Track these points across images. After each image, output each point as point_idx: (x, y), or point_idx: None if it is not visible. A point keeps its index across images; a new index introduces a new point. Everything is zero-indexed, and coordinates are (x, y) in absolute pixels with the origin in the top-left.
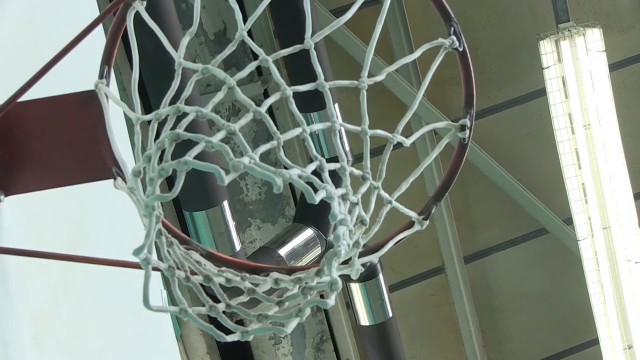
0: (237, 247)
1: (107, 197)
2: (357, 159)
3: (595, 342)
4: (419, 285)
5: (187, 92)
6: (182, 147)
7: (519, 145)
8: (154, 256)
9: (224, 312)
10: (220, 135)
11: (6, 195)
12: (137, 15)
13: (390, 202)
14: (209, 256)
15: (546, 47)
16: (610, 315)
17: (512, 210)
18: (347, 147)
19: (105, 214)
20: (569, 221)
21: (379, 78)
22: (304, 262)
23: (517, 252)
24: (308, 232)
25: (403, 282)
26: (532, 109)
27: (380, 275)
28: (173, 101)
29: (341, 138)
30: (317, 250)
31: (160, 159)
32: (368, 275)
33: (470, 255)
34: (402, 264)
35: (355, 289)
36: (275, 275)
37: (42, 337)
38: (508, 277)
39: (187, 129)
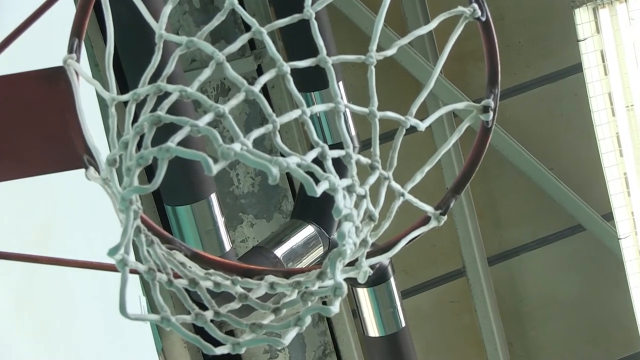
0: (227, 246)
1: (77, 190)
2: (365, 146)
3: None
4: (436, 291)
5: (169, 69)
6: (164, 131)
7: (551, 130)
8: (132, 257)
9: (212, 320)
10: (208, 118)
11: None
12: None
13: (402, 194)
14: (194, 257)
15: (582, 16)
16: None
17: (543, 204)
18: (353, 132)
19: (76, 209)
20: (608, 217)
21: (390, 52)
22: (303, 263)
23: (549, 252)
24: (308, 230)
25: (418, 287)
26: (566, 88)
27: (392, 279)
28: (153, 79)
29: (346, 121)
30: (319, 250)
31: (139, 146)
32: (377, 279)
33: (495, 256)
34: (417, 266)
35: (363, 294)
36: (270, 278)
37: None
38: (538, 281)
39: (169, 111)
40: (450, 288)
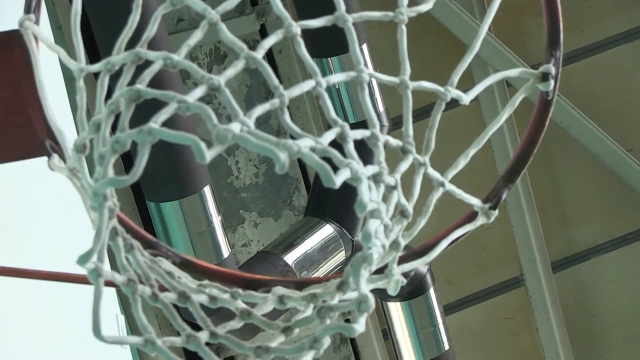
0: (225, 252)
1: (38, 184)
2: (396, 124)
3: None
4: (487, 305)
5: (150, 32)
6: (145, 110)
7: (629, 102)
8: (107, 266)
9: (207, 343)
10: (199, 92)
11: None
12: None
13: (442, 184)
14: (184, 265)
15: None
16: None
17: (620, 194)
18: (380, 108)
19: (37, 208)
20: None
21: (425, 7)
22: (320, 272)
23: (629, 255)
24: (326, 230)
25: (464, 300)
26: None
27: (431, 291)
28: (131, 44)
29: (372, 94)
30: (340, 256)
31: (114, 128)
32: (413, 291)
33: (560, 261)
34: (463, 273)
35: (396, 310)
36: (279, 291)
37: None
38: (615, 291)
39: (151, 84)
40: (504, 301)
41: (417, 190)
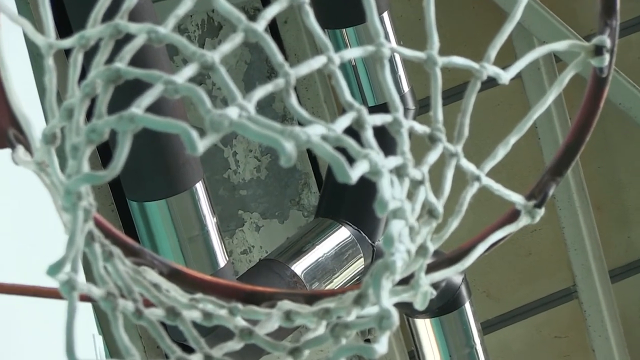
0: (222, 260)
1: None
2: (423, 107)
3: None
4: (533, 321)
5: (131, 0)
6: (126, 92)
7: None
8: (82, 277)
9: None
10: (190, 71)
11: None
12: None
13: (478, 178)
14: (174, 276)
15: None
16: None
17: None
18: (405, 88)
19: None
20: None
21: None
22: (335, 283)
23: None
24: (341, 234)
25: (507, 316)
26: None
27: (467, 305)
28: (108, 16)
29: (394, 72)
30: (358, 264)
31: (90, 114)
32: (446, 305)
33: (620, 269)
34: (504, 284)
35: (425, 328)
36: (286, 305)
37: None
38: None
39: (132, 62)
40: (554, 316)
41: (448, 185)
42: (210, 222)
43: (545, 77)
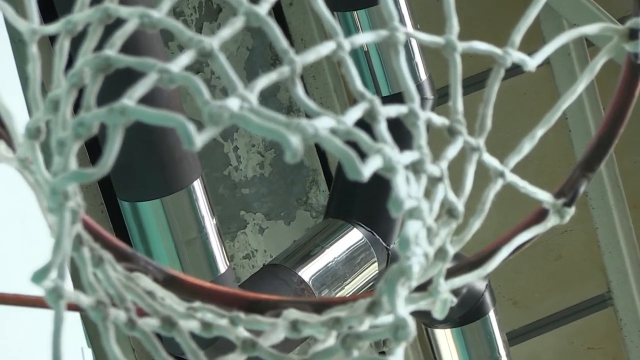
0: (222, 265)
1: None
2: (441, 97)
3: None
4: (564, 331)
5: None
6: (117, 82)
7: None
8: (70, 284)
9: None
10: (186, 58)
11: None
12: None
13: (502, 174)
14: (170, 283)
15: None
16: None
17: None
18: (422, 75)
19: None
20: None
21: None
22: (346, 290)
23: None
24: (353, 236)
25: (535, 326)
26: None
27: (491, 314)
28: None
29: (410, 58)
30: (371, 269)
31: (77, 106)
32: (468, 314)
33: None
34: (532, 291)
35: (445, 339)
36: (293, 314)
37: None
38: None
39: (124, 49)
40: (587, 326)
41: (469, 182)
42: (210, 223)
43: (576, 63)
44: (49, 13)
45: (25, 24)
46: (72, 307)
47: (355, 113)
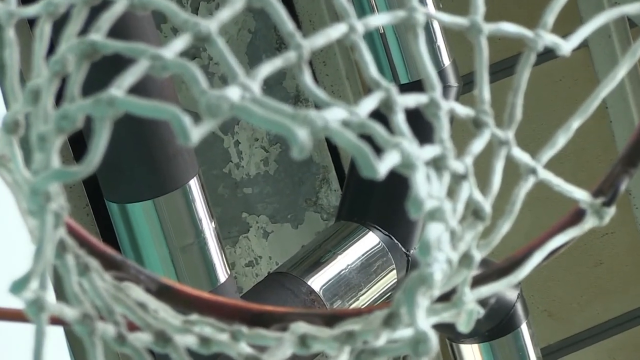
0: (222, 274)
1: None
2: (466, 85)
3: None
4: (606, 346)
5: None
6: (104, 70)
7: None
8: (52, 295)
9: None
10: (181, 43)
11: None
12: None
13: (534, 171)
14: (164, 293)
15: None
16: None
17: None
18: (444, 61)
19: None
20: None
21: None
22: (361, 301)
23: None
24: (368, 240)
25: (573, 340)
26: None
27: (524, 327)
28: None
29: (432, 41)
30: (389, 277)
31: (60, 97)
32: (497, 327)
33: None
34: (570, 301)
35: (472, 355)
36: (301, 328)
37: None
38: None
39: (111, 34)
40: (631, 340)
41: (497, 180)
42: (208, 227)
43: (617, 46)
44: None
45: (1, 6)
46: (55, 320)
47: (369, 103)
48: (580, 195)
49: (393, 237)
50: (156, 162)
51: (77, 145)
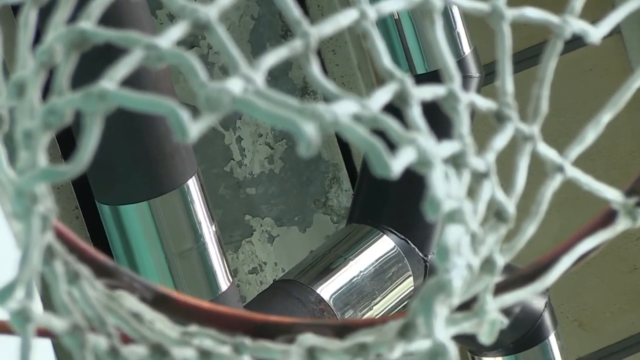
0: (223, 282)
1: None
2: (487, 76)
3: None
4: None
5: None
6: (95, 61)
7: None
8: (39, 305)
9: None
10: (178, 31)
11: None
12: None
13: (561, 168)
14: (160, 303)
15: None
16: None
17: None
18: (464, 49)
19: None
20: None
21: None
22: (374, 311)
23: None
24: (382, 244)
25: (606, 352)
26: None
27: (552, 338)
28: None
29: (451, 28)
30: (405, 284)
31: (47, 90)
32: (523, 338)
33: None
34: (602, 310)
35: None
36: (309, 340)
37: None
38: None
39: (103, 21)
40: None
41: (521, 178)
42: (208, 231)
43: None
44: None
45: None
46: (43, 332)
47: (383, 95)
48: (612, 194)
49: (409, 241)
50: (151, 161)
51: (66, 142)
